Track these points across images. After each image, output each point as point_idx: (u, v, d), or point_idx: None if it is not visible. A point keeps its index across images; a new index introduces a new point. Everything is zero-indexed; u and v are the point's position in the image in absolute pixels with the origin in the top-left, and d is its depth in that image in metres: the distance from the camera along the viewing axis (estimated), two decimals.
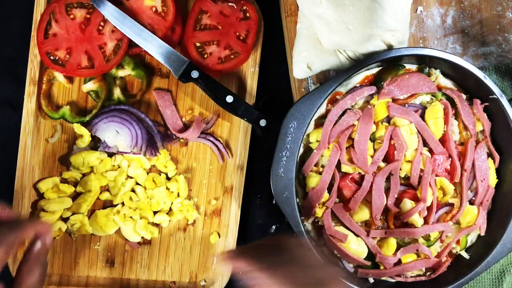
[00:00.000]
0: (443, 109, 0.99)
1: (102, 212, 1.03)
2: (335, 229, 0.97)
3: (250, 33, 1.02)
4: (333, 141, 0.97)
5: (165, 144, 1.05)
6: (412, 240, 0.99)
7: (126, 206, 1.03)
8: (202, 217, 1.06)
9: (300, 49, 1.04)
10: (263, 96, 1.09)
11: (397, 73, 0.99)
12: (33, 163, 1.04)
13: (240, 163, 1.04)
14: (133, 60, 1.03)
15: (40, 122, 1.04)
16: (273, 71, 1.09)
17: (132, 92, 1.06)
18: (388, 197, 0.97)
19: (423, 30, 1.07)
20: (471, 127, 0.99)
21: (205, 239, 1.06)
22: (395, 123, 0.98)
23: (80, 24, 1.00)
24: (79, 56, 1.00)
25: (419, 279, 1.01)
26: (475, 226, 1.00)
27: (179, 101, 1.06)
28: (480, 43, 1.07)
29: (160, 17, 1.01)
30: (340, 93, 0.99)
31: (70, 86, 1.05)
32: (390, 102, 0.98)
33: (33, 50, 1.02)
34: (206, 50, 1.02)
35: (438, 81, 1.01)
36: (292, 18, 1.06)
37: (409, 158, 0.98)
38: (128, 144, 1.02)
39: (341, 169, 0.98)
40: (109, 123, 1.02)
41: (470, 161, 0.99)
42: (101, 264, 1.05)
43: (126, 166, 1.03)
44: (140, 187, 1.04)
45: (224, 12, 1.02)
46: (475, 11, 1.07)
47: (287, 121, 0.94)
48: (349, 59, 1.03)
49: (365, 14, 0.99)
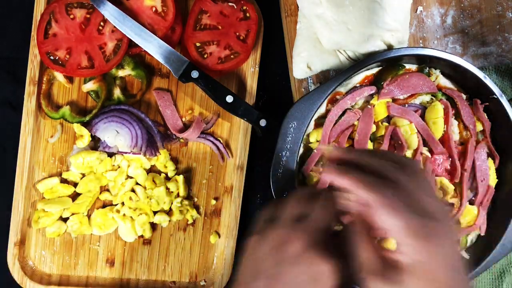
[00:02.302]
0: (443, 109, 0.99)
1: (102, 210, 1.03)
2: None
3: (250, 33, 1.02)
4: (333, 141, 0.97)
5: (165, 144, 1.05)
6: None
7: (126, 206, 1.03)
8: (202, 217, 1.06)
9: (300, 49, 1.04)
10: (263, 96, 1.09)
11: (397, 73, 0.99)
12: (33, 163, 1.04)
13: (240, 163, 1.04)
14: (133, 60, 1.03)
15: (40, 122, 1.04)
16: (273, 71, 1.09)
17: (132, 92, 1.06)
18: None
19: (423, 30, 1.07)
20: (471, 127, 0.99)
21: (205, 239, 1.06)
22: (395, 123, 0.98)
23: (80, 24, 1.00)
24: (79, 56, 1.00)
25: None
26: (475, 226, 1.00)
27: (179, 101, 1.06)
28: (480, 43, 1.07)
29: (160, 17, 1.01)
30: (340, 93, 0.99)
31: (70, 86, 1.05)
32: (390, 102, 0.98)
33: (33, 50, 1.02)
34: (206, 50, 1.02)
35: (438, 81, 1.01)
36: (292, 18, 1.06)
37: None
38: (128, 144, 1.02)
39: None
40: (109, 123, 1.02)
41: (470, 161, 0.99)
42: (101, 264, 1.05)
43: (126, 166, 1.03)
44: (140, 187, 1.04)
45: (224, 12, 1.02)
46: (475, 11, 1.07)
47: (287, 121, 0.94)
48: (349, 59, 1.03)
49: (365, 14, 0.99)
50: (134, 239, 1.04)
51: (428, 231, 0.61)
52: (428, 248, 0.60)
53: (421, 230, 0.60)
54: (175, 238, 1.06)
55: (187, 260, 1.05)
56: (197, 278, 1.05)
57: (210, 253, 1.05)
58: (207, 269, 1.05)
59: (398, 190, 0.63)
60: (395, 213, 0.61)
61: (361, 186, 0.63)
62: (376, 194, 0.62)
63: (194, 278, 1.05)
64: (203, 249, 1.06)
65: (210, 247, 1.05)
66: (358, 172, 0.64)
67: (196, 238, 1.06)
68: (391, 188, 0.63)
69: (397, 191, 0.62)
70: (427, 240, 0.60)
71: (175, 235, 1.06)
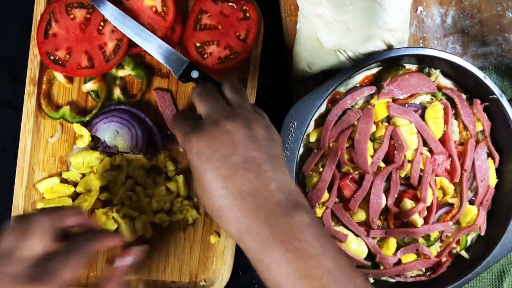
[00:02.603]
0: (443, 109, 0.99)
1: (101, 210, 1.03)
2: (335, 229, 0.97)
3: (250, 33, 1.02)
4: (333, 141, 0.97)
5: (165, 144, 1.05)
6: (412, 240, 0.99)
7: (126, 206, 1.03)
8: (202, 217, 1.06)
9: (300, 49, 1.04)
10: (263, 96, 1.09)
11: (397, 73, 0.99)
12: (33, 163, 1.04)
13: None
14: (133, 60, 1.03)
15: (40, 122, 1.04)
16: (273, 71, 1.09)
17: (132, 92, 1.06)
18: (388, 197, 0.97)
19: (423, 30, 1.07)
20: (471, 127, 0.99)
21: (205, 239, 1.06)
22: (395, 123, 0.98)
23: (80, 24, 1.00)
24: (79, 56, 1.00)
25: (419, 279, 1.01)
26: (475, 226, 1.00)
27: (179, 101, 1.06)
28: (480, 43, 1.07)
29: (160, 17, 1.01)
30: (340, 93, 0.99)
31: (70, 86, 1.05)
32: (390, 102, 0.98)
33: (33, 50, 1.02)
34: (206, 50, 1.02)
35: (438, 81, 1.01)
36: (292, 18, 1.06)
37: (409, 158, 0.98)
38: (128, 144, 1.02)
39: (341, 169, 0.98)
40: (109, 123, 1.02)
41: (470, 161, 0.99)
42: (101, 264, 1.05)
43: (126, 166, 1.03)
44: (140, 187, 1.04)
45: (224, 12, 1.02)
46: (475, 11, 1.07)
47: (287, 121, 0.94)
48: (349, 59, 1.03)
49: (365, 14, 0.99)
50: (134, 239, 1.04)
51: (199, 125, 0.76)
52: (199, 138, 0.74)
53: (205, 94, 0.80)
54: (175, 238, 1.06)
55: (187, 260, 1.05)
56: (197, 278, 1.05)
57: (210, 253, 1.05)
58: (207, 269, 1.05)
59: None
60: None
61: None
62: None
63: (194, 278, 1.05)
64: (203, 249, 1.06)
65: (210, 247, 1.05)
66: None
67: (196, 238, 1.06)
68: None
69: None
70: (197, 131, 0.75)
71: (175, 235, 1.06)
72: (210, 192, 0.72)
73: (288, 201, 0.71)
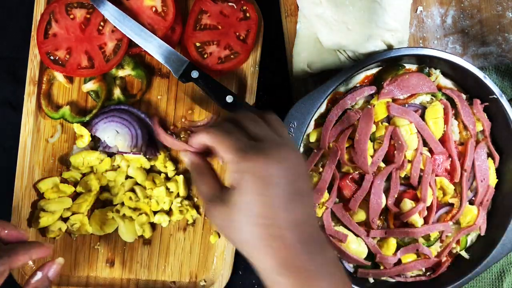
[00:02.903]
0: (443, 109, 0.99)
1: (102, 210, 1.03)
2: (335, 229, 0.97)
3: (250, 33, 1.02)
4: (333, 141, 0.97)
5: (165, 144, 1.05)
6: (412, 240, 0.99)
7: (125, 206, 1.03)
8: (202, 217, 1.06)
9: (300, 49, 1.04)
10: (263, 96, 1.09)
11: (397, 73, 0.99)
12: (33, 163, 1.04)
13: None
14: (133, 60, 1.03)
15: (40, 122, 1.04)
16: (273, 71, 1.09)
17: (132, 92, 1.06)
18: (388, 197, 0.97)
19: (423, 30, 1.07)
20: (471, 127, 0.99)
21: (205, 239, 1.06)
22: (395, 123, 0.98)
23: (80, 24, 1.00)
24: (79, 56, 1.00)
25: (419, 279, 1.01)
26: (475, 226, 1.00)
27: (179, 101, 1.06)
28: (480, 43, 1.07)
29: (160, 17, 1.01)
30: (340, 93, 0.99)
31: (70, 86, 1.05)
32: (390, 102, 0.98)
33: (33, 50, 1.02)
34: (206, 50, 1.02)
35: (438, 81, 1.01)
36: (292, 18, 1.06)
37: (409, 158, 0.98)
38: (128, 144, 1.02)
39: (341, 169, 0.98)
40: (109, 123, 1.02)
41: (470, 161, 0.99)
42: (101, 264, 1.05)
43: (126, 166, 1.03)
44: (139, 187, 1.04)
45: (224, 12, 1.02)
46: (475, 11, 1.07)
47: (287, 121, 0.94)
48: (349, 59, 1.03)
49: (365, 14, 0.99)
50: (134, 239, 1.04)
51: (252, 148, 0.66)
52: (254, 163, 0.65)
53: (244, 148, 0.66)
54: (175, 238, 1.06)
55: (187, 260, 1.05)
56: (197, 278, 1.05)
57: (210, 253, 1.05)
58: (207, 269, 1.05)
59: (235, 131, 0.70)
60: (223, 146, 0.68)
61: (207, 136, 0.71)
62: (214, 138, 0.70)
63: (194, 278, 1.05)
64: (203, 249, 1.06)
65: (210, 247, 1.05)
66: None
67: (196, 238, 1.06)
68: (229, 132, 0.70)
69: (234, 133, 0.69)
70: (250, 154, 0.65)
71: (175, 235, 1.06)
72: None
73: (318, 235, 0.69)
